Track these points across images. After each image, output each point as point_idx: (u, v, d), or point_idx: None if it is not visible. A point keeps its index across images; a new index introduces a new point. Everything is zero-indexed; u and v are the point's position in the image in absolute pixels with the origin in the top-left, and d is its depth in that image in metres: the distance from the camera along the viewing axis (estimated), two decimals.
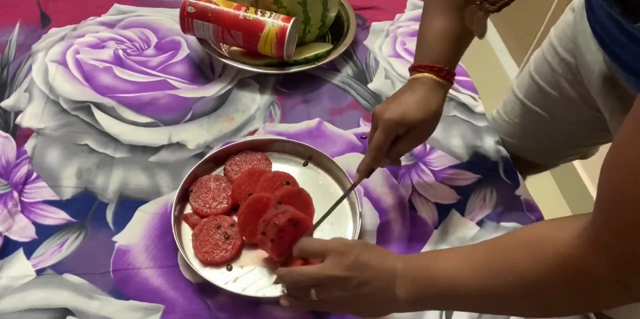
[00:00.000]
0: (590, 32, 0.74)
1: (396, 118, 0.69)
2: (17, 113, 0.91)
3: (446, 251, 0.65)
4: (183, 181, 0.80)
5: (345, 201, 0.83)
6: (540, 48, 0.95)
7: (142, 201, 0.82)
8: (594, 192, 1.68)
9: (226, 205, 0.79)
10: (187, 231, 0.78)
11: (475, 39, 0.75)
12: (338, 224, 0.81)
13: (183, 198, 0.80)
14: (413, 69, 0.73)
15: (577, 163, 1.75)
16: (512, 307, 0.57)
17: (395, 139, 0.72)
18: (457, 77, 1.02)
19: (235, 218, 0.77)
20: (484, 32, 0.74)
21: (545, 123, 0.95)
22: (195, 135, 0.91)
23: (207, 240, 0.75)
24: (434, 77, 0.71)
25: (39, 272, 0.74)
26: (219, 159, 0.85)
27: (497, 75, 2.03)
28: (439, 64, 0.71)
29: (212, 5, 0.94)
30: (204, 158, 0.83)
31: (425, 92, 0.71)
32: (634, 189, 0.43)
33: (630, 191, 0.43)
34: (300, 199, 0.78)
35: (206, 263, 0.74)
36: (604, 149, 0.95)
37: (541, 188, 1.33)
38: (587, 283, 0.49)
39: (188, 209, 0.80)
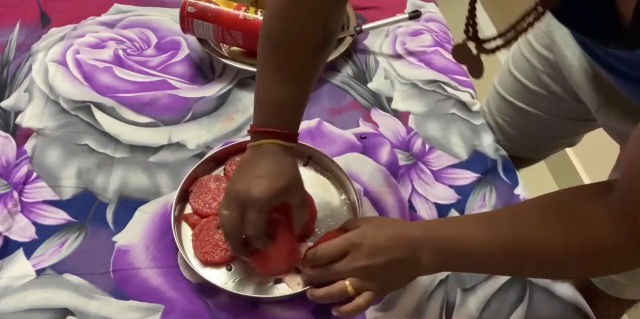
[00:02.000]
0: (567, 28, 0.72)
1: (267, 192, 0.65)
2: (17, 113, 0.91)
3: (462, 218, 0.68)
4: (183, 181, 0.80)
5: (345, 201, 0.84)
6: (517, 44, 0.94)
7: (142, 201, 0.82)
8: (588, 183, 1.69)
9: None
10: (187, 231, 0.78)
11: None
12: (338, 224, 0.80)
13: (183, 198, 0.80)
14: (256, 133, 0.69)
15: (571, 155, 1.76)
16: (535, 270, 0.61)
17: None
18: (456, 77, 1.03)
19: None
20: (480, 71, 0.71)
21: (531, 118, 0.96)
22: (195, 135, 0.91)
23: (207, 240, 0.75)
24: (280, 142, 0.68)
25: (39, 272, 0.74)
26: (219, 159, 0.85)
27: (488, 61, 2.03)
28: (284, 130, 0.68)
29: (212, 5, 0.94)
30: (203, 158, 0.83)
31: (275, 158, 0.68)
32: None
33: None
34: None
35: (206, 263, 0.74)
36: (589, 136, 0.96)
37: (537, 181, 1.34)
38: (609, 254, 0.52)
39: (188, 210, 0.80)
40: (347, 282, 0.64)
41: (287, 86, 0.68)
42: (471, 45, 0.67)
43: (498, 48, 0.62)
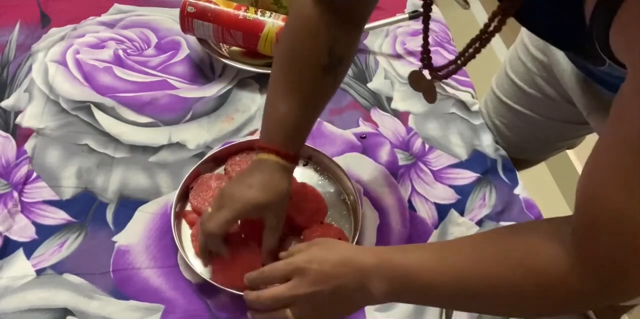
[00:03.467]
0: None
1: (246, 199, 0.66)
2: (17, 113, 0.91)
3: (418, 247, 0.64)
4: (185, 178, 0.80)
5: (345, 201, 0.84)
6: (514, 46, 0.95)
7: (142, 201, 0.82)
8: None
9: None
10: (187, 231, 0.78)
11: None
12: (337, 224, 0.81)
13: (184, 196, 0.80)
14: (259, 148, 0.71)
15: (572, 156, 1.76)
16: (490, 307, 0.59)
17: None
18: (456, 77, 1.03)
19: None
20: (434, 96, 0.74)
21: (527, 120, 0.96)
22: (195, 135, 0.91)
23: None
24: (280, 160, 0.69)
25: (39, 272, 0.74)
26: (220, 159, 0.85)
27: (487, 58, 2.03)
28: (284, 149, 0.69)
29: (212, 5, 0.94)
30: (204, 158, 0.83)
31: (272, 174, 0.69)
32: (605, 218, 0.44)
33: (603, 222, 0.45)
34: (307, 194, 0.79)
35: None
36: (590, 137, 0.96)
37: (537, 182, 1.33)
38: (563, 295, 0.50)
39: (188, 208, 0.80)
40: (288, 311, 0.59)
41: (290, 105, 0.69)
42: (426, 72, 0.71)
43: (450, 74, 0.66)
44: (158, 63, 1.01)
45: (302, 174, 0.86)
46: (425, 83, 0.73)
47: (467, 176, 0.90)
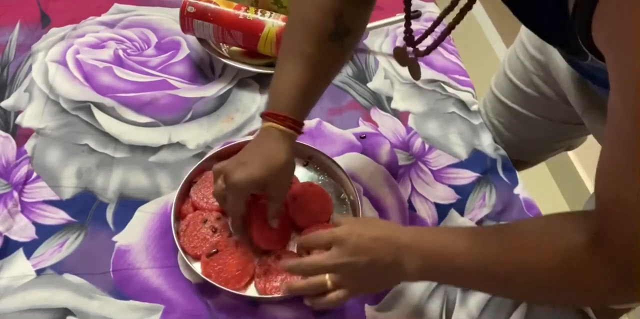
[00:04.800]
0: None
1: (244, 180, 0.67)
2: (17, 113, 0.91)
3: (454, 230, 0.66)
4: (189, 172, 0.80)
5: (345, 201, 0.84)
6: (513, 46, 0.95)
7: (142, 201, 0.82)
8: (589, 184, 1.68)
9: None
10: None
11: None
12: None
13: (186, 192, 0.80)
14: (262, 117, 0.72)
15: (572, 155, 1.75)
16: (516, 292, 0.60)
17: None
18: (456, 77, 1.03)
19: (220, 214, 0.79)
20: (418, 72, 0.77)
21: (525, 120, 0.96)
22: (195, 135, 0.91)
23: (194, 235, 0.75)
24: (280, 126, 0.69)
25: (39, 272, 0.74)
26: (221, 159, 0.85)
27: (487, 58, 2.03)
28: (284, 114, 0.69)
29: (212, 5, 0.94)
30: (207, 155, 0.84)
31: (270, 146, 0.69)
32: (631, 200, 0.45)
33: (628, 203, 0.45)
34: (313, 193, 0.80)
35: (196, 258, 0.74)
36: (591, 138, 0.96)
37: (537, 182, 1.34)
38: (587, 284, 0.51)
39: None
40: (327, 276, 0.63)
41: (297, 71, 0.69)
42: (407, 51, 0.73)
43: (429, 50, 0.69)
44: (158, 63, 1.01)
45: (302, 174, 0.86)
46: (409, 60, 0.76)
47: (467, 176, 0.90)
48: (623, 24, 0.40)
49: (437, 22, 0.66)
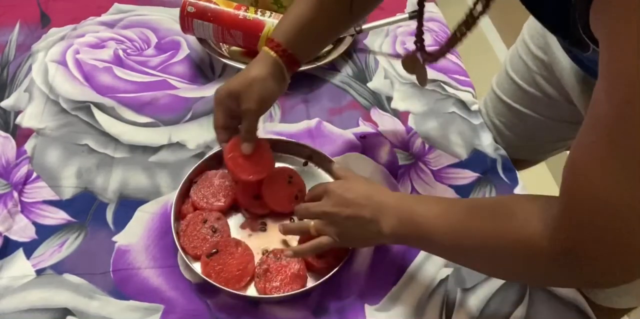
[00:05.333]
0: None
1: (221, 90, 0.74)
2: (17, 113, 0.91)
3: (433, 199, 0.69)
4: (189, 172, 0.80)
5: None
6: (515, 45, 0.95)
7: (142, 201, 0.82)
8: None
9: (222, 203, 0.79)
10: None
11: None
12: None
13: (186, 191, 0.80)
14: (267, 41, 0.75)
15: None
16: (475, 264, 0.63)
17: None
18: (456, 76, 1.03)
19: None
20: (426, 79, 0.81)
21: (527, 120, 0.96)
22: (195, 135, 0.91)
23: (194, 235, 0.75)
24: (270, 52, 0.73)
25: (39, 272, 0.74)
26: (221, 159, 0.85)
27: (487, 58, 2.03)
28: (281, 43, 0.73)
29: (212, 5, 0.94)
30: (207, 155, 0.84)
31: (253, 64, 0.74)
32: (591, 191, 0.45)
33: (587, 193, 0.46)
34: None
35: (196, 258, 0.75)
36: None
37: (537, 181, 1.33)
38: (539, 263, 0.53)
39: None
40: (312, 223, 0.70)
41: (305, 6, 0.73)
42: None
43: (439, 57, 0.72)
44: (158, 63, 1.01)
45: (302, 174, 0.85)
46: (418, 66, 0.79)
47: (467, 176, 0.90)
48: (617, 10, 0.40)
49: (451, 38, 0.67)
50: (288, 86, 0.78)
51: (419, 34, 0.74)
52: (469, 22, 0.61)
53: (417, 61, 0.78)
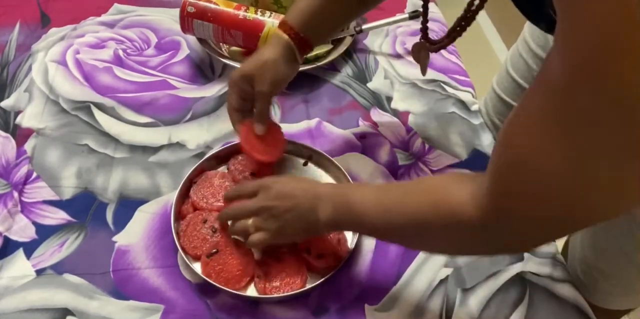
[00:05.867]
0: None
1: (236, 73, 0.75)
2: (17, 113, 0.91)
3: (367, 184, 0.73)
4: (189, 172, 0.80)
5: None
6: (516, 44, 0.95)
7: (142, 201, 0.82)
8: None
9: (222, 204, 0.79)
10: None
11: None
12: None
13: (186, 192, 0.80)
14: (279, 23, 0.77)
15: None
16: (406, 242, 0.66)
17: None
18: (456, 76, 1.03)
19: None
20: (426, 68, 0.84)
21: None
22: (195, 135, 0.91)
23: (194, 235, 0.75)
24: (282, 34, 0.74)
25: (39, 272, 0.74)
26: (222, 158, 0.85)
27: (487, 58, 2.03)
28: (293, 26, 0.74)
29: (212, 5, 0.94)
30: (207, 155, 0.84)
31: (267, 47, 0.75)
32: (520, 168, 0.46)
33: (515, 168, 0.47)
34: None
35: (196, 258, 0.75)
36: None
37: None
38: (462, 232, 0.55)
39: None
40: (249, 221, 0.68)
41: None
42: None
43: (444, 46, 0.73)
44: (158, 63, 1.01)
45: (302, 174, 0.86)
46: (423, 54, 0.81)
47: None
48: None
49: (455, 26, 0.69)
50: (288, 86, 0.78)
51: (424, 22, 0.76)
52: (468, 16, 0.63)
53: (423, 49, 0.79)
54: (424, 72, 0.83)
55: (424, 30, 0.76)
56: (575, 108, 0.39)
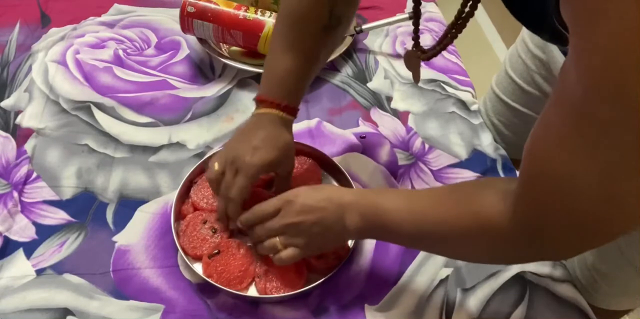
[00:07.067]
0: None
1: (259, 163, 0.70)
2: (17, 113, 0.91)
3: (393, 191, 0.71)
4: (189, 172, 0.80)
5: None
6: (515, 44, 0.95)
7: (142, 201, 0.82)
8: None
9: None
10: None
11: None
12: None
13: (186, 192, 0.80)
14: (259, 102, 0.74)
15: None
16: (438, 249, 0.65)
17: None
18: (456, 76, 1.03)
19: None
20: (418, 76, 0.82)
21: (526, 119, 0.95)
22: (195, 135, 0.91)
23: (194, 235, 0.75)
24: (280, 113, 0.73)
25: (39, 272, 0.74)
26: None
27: (487, 58, 2.02)
28: (284, 102, 0.73)
29: (212, 5, 0.94)
30: (207, 155, 0.84)
31: (274, 130, 0.72)
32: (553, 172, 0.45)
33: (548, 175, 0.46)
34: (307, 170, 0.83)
35: (196, 258, 0.75)
36: None
37: None
38: (498, 242, 0.54)
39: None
40: (277, 239, 0.67)
41: (290, 60, 0.72)
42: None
43: (435, 54, 0.73)
44: (158, 63, 1.01)
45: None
46: (414, 62, 0.80)
47: (467, 176, 0.90)
48: None
49: (446, 33, 0.68)
50: None
51: (415, 31, 0.76)
52: (458, 24, 0.62)
53: (414, 58, 0.79)
54: (416, 80, 0.83)
55: (416, 39, 0.76)
56: (597, 122, 0.40)
